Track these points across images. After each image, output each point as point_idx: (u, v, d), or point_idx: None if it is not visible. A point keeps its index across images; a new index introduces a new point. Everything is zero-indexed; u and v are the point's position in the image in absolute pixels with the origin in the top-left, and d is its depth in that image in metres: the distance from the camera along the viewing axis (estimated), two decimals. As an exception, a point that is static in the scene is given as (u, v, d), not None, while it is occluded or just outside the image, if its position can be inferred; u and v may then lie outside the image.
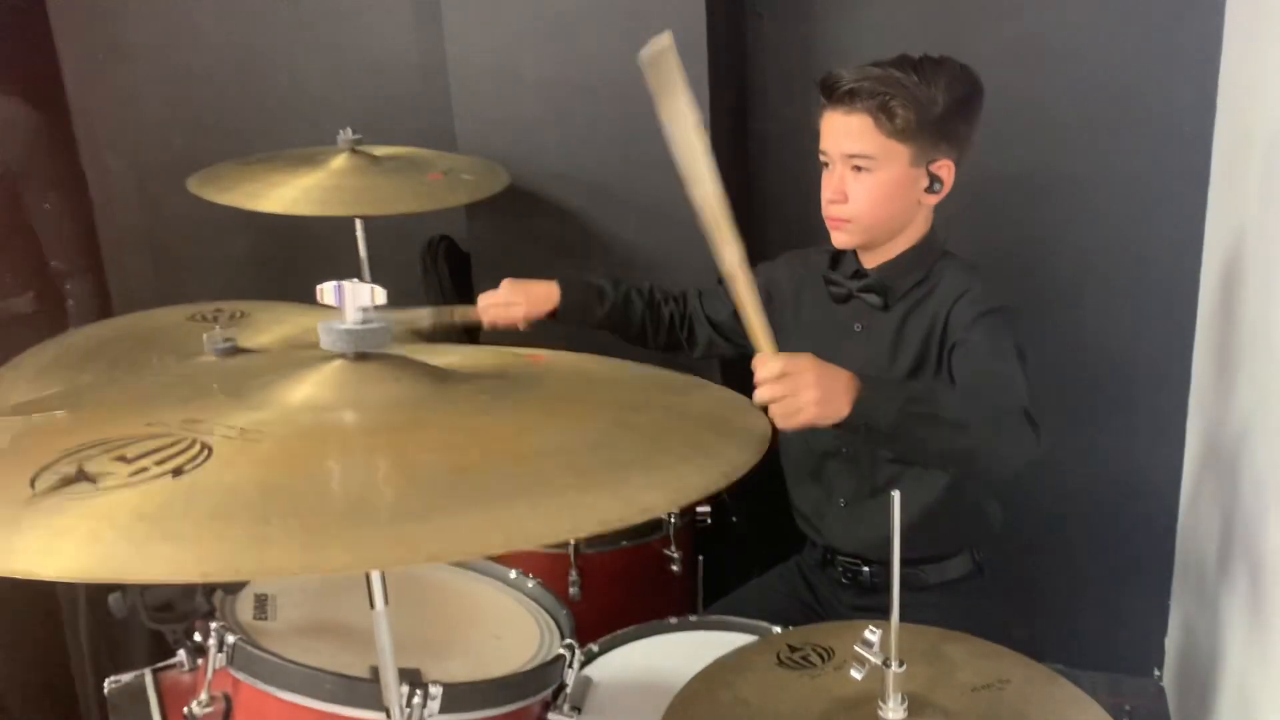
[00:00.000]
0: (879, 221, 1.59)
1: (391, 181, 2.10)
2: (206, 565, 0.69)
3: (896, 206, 1.58)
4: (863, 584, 1.72)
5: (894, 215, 1.59)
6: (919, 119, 1.52)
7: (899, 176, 1.55)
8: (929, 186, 1.57)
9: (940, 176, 1.56)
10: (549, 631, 1.35)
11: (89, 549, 0.70)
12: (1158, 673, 2.25)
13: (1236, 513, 1.68)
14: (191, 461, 0.79)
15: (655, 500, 0.83)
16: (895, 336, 1.61)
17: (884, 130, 1.52)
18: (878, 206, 1.57)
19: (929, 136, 1.53)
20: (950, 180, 1.57)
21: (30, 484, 0.77)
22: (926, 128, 1.52)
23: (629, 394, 1.08)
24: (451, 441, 0.87)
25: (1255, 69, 1.76)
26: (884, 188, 1.56)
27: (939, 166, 1.56)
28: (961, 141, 1.57)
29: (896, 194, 1.56)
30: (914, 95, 1.51)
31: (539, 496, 0.79)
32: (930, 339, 1.57)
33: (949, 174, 1.57)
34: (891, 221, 1.60)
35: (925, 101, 1.51)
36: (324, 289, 0.94)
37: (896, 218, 1.59)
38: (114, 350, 1.64)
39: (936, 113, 1.52)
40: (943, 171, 1.56)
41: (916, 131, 1.52)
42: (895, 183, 1.55)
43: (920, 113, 1.51)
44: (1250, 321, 1.69)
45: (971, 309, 1.53)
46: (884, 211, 1.58)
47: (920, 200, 1.58)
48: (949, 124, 1.54)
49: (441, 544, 0.73)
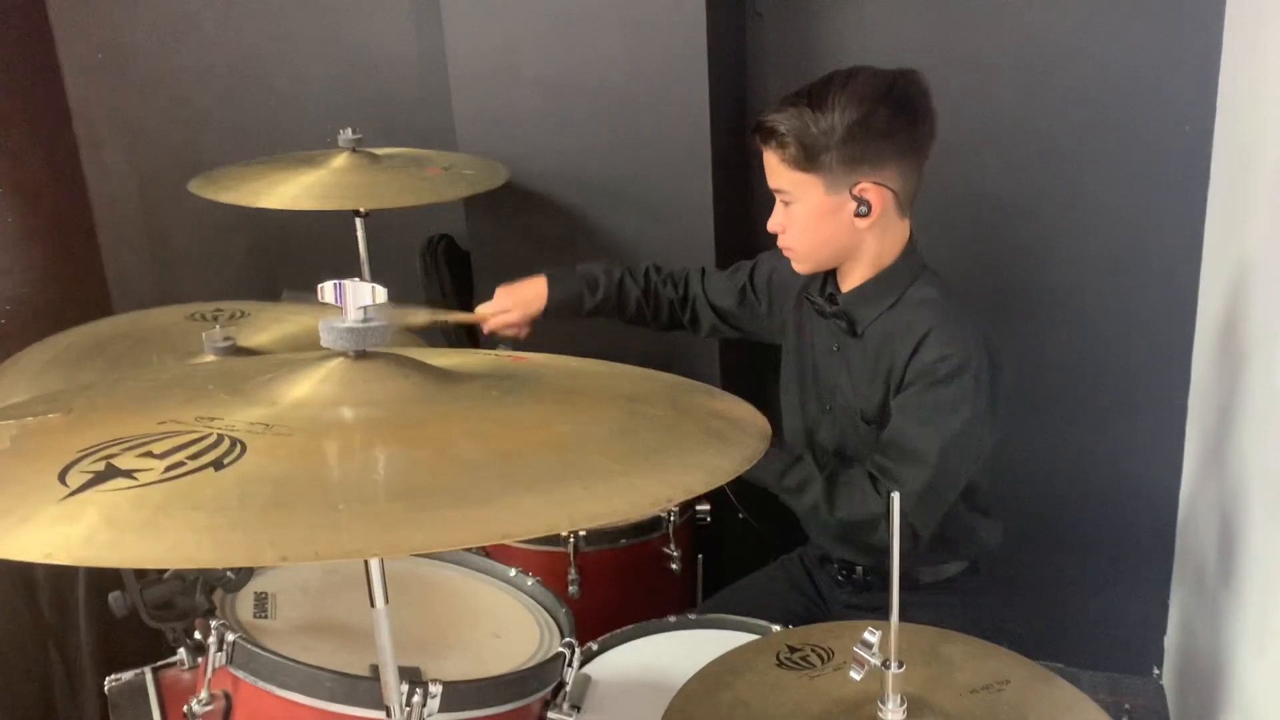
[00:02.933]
0: (814, 249, 1.60)
1: (391, 176, 2.11)
2: (282, 548, 0.71)
3: (827, 234, 1.57)
4: (857, 583, 1.73)
5: (828, 242, 1.58)
6: (814, 148, 1.51)
7: (819, 206, 1.54)
8: (857, 210, 1.54)
9: (867, 199, 1.53)
10: (548, 630, 1.35)
11: (154, 539, 0.71)
12: (1157, 672, 2.25)
13: (1236, 512, 1.69)
14: (227, 455, 0.80)
15: (694, 481, 0.85)
16: (867, 367, 1.61)
17: (788, 164, 1.54)
18: (807, 236, 1.58)
19: (837, 163, 1.51)
20: (881, 201, 1.53)
21: (60, 481, 0.77)
22: (829, 155, 1.51)
23: (629, 390, 1.08)
24: (485, 432, 0.90)
25: (1255, 69, 1.76)
26: (807, 218, 1.57)
27: (862, 190, 1.52)
28: (885, 160, 1.52)
29: (822, 223, 1.56)
30: (803, 126, 1.50)
31: (590, 480, 0.82)
32: (890, 384, 1.58)
33: (877, 195, 1.52)
34: (828, 247, 1.59)
35: (818, 131, 1.50)
36: (324, 288, 0.94)
37: (831, 244, 1.59)
38: (114, 349, 1.64)
39: (836, 139, 1.50)
40: (869, 194, 1.52)
41: (818, 161, 1.51)
42: (817, 212, 1.55)
43: (813, 142, 1.51)
44: (1250, 321, 1.69)
45: (925, 376, 1.52)
46: (815, 240, 1.59)
47: (854, 225, 1.55)
48: (855, 147, 1.50)
49: (510, 525, 0.76)
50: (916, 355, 1.53)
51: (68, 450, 0.82)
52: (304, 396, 0.92)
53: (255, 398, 0.93)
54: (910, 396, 1.54)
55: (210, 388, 0.99)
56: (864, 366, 1.61)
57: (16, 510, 0.74)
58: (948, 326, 1.54)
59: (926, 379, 1.52)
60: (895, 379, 1.56)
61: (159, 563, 0.72)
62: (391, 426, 0.89)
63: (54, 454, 0.81)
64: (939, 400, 1.52)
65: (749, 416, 1.03)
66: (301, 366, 0.95)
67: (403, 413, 0.91)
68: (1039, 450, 2.26)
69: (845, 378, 1.64)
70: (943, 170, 2.11)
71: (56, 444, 0.84)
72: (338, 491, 0.78)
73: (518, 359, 1.16)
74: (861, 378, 1.61)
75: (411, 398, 0.93)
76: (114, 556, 0.71)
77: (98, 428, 0.87)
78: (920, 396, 1.53)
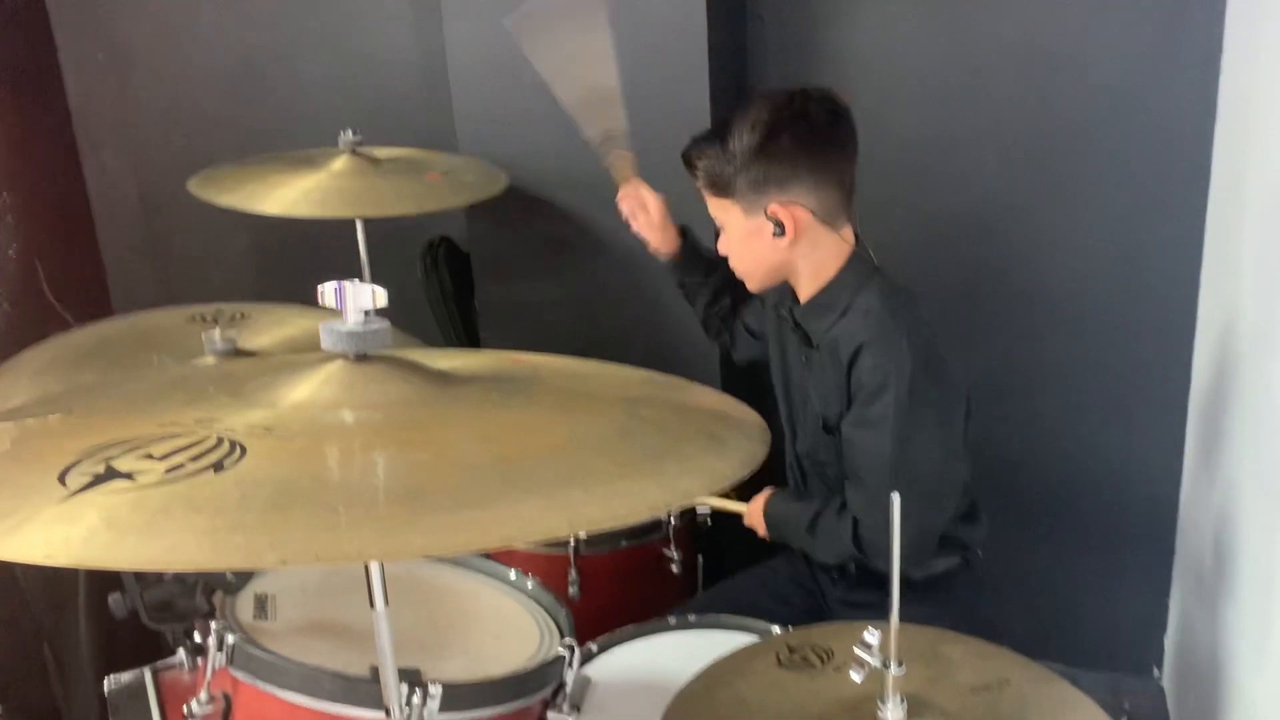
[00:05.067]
0: (751, 270, 1.64)
1: (391, 183, 2.10)
2: (283, 551, 0.71)
3: (756, 255, 1.61)
4: (850, 579, 1.73)
5: (760, 262, 1.62)
6: (718, 179, 1.56)
7: (742, 229, 1.59)
8: (773, 232, 1.56)
9: (779, 220, 1.54)
10: (548, 631, 1.35)
11: (154, 541, 0.71)
12: (1157, 672, 2.26)
13: (1235, 511, 1.69)
14: (227, 457, 0.80)
15: (693, 486, 0.85)
16: (827, 377, 1.62)
17: (707, 191, 1.60)
18: (742, 258, 1.64)
19: (744, 189, 1.55)
20: (794, 220, 1.54)
21: (60, 482, 0.77)
22: (733, 181, 1.55)
23: (629, 391, 1.08)
24: (485, 435, 0.90)
25: (1255, 69, 1.76)
26: (736, 242, 1.62)
27: (773, 212, 1.54)
28: (792, 181, 1.54)
29: (749, 245, 1.60)
30: (711, 158, 1.56)
31: (590, 484, 0.82)
32: (843, 393, 1.59)
33: (788, 214, 1.54)
34: (761, 266, 1.62)
35: (724, 160, 1.55)
36: (324, 290, 0.94)
37: (763, 264, 1.62)
38: (114, 350, 1.64)
39: (737, 167, 1.54)
40: (780, 215, 1.54)
41: (725, 187, 1.56)
42: (742, 235, 1.60)
43: (716, 174, 1.56)
44: (1250, 321, 1.69)
45: (859, 392, 1.55)
46: (749, 261, 1.63)
47: (776, 245, 1.57)
48: (757, 170, 1.53)
49: (509, 528, 0.76)
50: (853, 369, 1.56)
51: (68, 452, 0.82)
52: (304, 399, 0.92)
53: (255, 400, 0.93)
54: (850, 421, 1.57)
55: (210, 390, 0.99)
56: (824, 377, 1.63)
57: (17, 511, 0.74)
58: (879, 340, 1.54)
59: (860, 396, 1.55)
60: (845, 392, 1.58)
61: (159, 565, 0.72)
62: (391, 429, 0.89)
63: (54, 455, 0.81)
64: (869, 417, 1.54)
65: (748, 420, 1.03)
66: (302, 369, 0.95)
67: (403, 416, 0.91)
68: (1039, 450, 2.27)
69: (813, 387, 1.67)
70: (943, 170, 2.12)
71: (56, 445, 0.84)
72: (338, 494, 0.78)
73: (518, 360, 1.16)
74: (824, 387, 1.63)
75: (411, 401, 0.93)
76: (114, 558, 0.71)
77: (98, 429, 0.87)
78: (859, 417, 1.56)
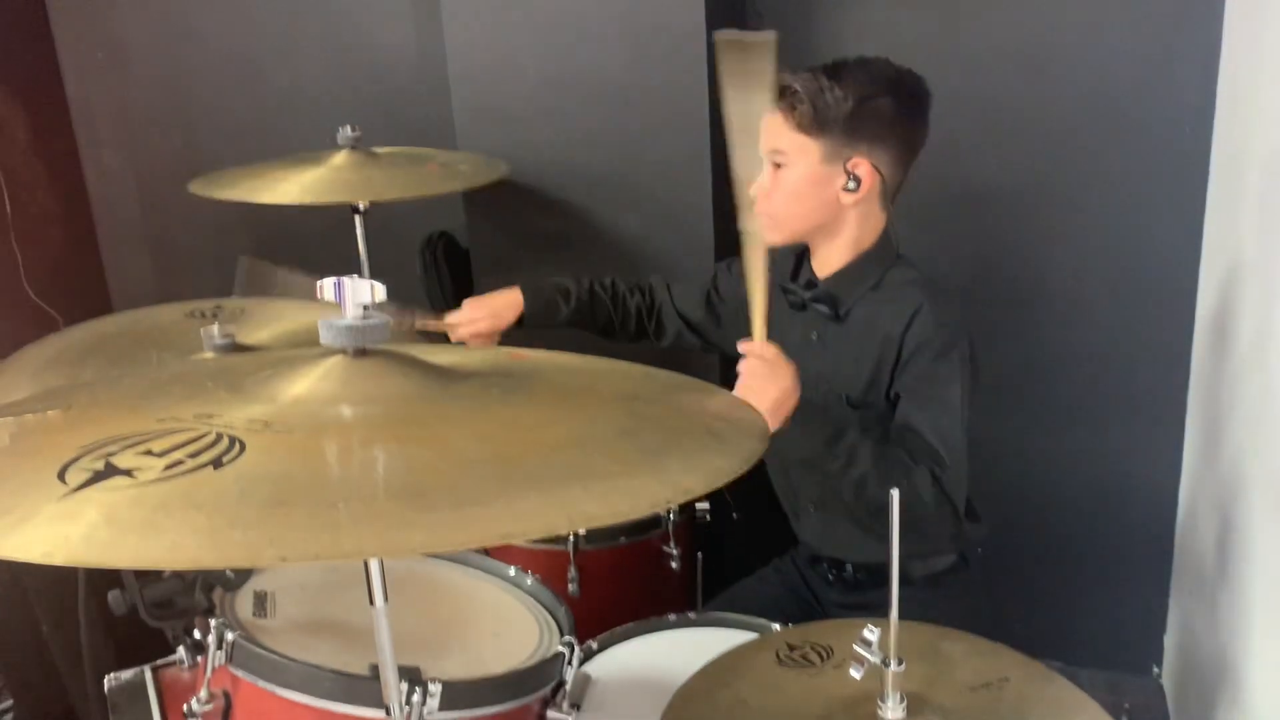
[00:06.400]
0: (793, 218, 1.62)
1: (388, 173, 2.12)
2: (282, 548, 0.71)
3: (811, 203, 1.60)
4: (847, 581, 1.74)
5: (810, 212, 1.61)
6: (822, 114, 1.55)
7: (810, 172, 1.58)
8: (846, 184, 1.57)
9: (858, 175, 1.57)
10: (548, 629, 1.35)
11: (153, 539, 0.71)
12: (1157, 671, 2.26)
13: (1235, 511, 1.69)
14: (226, 453, 0.80)
15: (693, 482, 0.85)
16: (851, 350, 1.61)
17: (791, 124, 1.57)
18: (791, 203, 1.61)
19: (839, 133, 1.56)
20: (870, 181, 1.57)
21: (60, 479, 0.77)
22: (833, 124, 1.55)
23: (628, 388, 1.08)
24: (485, 431, 0.90)
25: (1255, 69, 1.76)
26: (797, 183, 1.59)
27: (855, 164, 1.57)
28: (881, 143, 1.57)
29: (810, 190, 1.59)
30: (818, 91, 1.54)
31: (589, 480, 0.82)
32: (883, 363, 1.58)
33: (868, 173, 1.57)
34: (808, 219, 1.62)
35: (830, 98, 1.54)
36: (323, 285, 0.94)
37: (812, 216, 1.61)
38: (113, 347, 1.63)
39: (844, 110, 1.54)
40: (860, 170, 1.57)
41: (822, 127, 1.55)
42: (808, 178, 1.58)
43: (822, 108, 1.55)
44: (1250, 321, 1.69)
45: (925, 349, 1.54)
46: (798, 208, 1.61)
47: (839, 198, 1.58)
48: (859, 123, 1.55)
49: (509, 525, 0.76)
50: (910, 330, 1.55)
51: (67, 448, 0.81)
52: (303, 394, 0.92)
53: (254, 395, 0.93)
54: (912, 379, 1.55)
55: (209, 385, 0.98)
56: (848, 350, 1.62)
57: (16, 509, 0.74)
58: (938, 302, 1.57)
59: (927, 353, 1.54)
60: (890, 357, 1.57)
61: (158, 563, 0.71)
62: (391, 425, 0.88)
63: (53, 451, 0.81)
64: (939, 374, 1.54)
65: (748, 416, 1.03)
66: (301, 364, 0.95)
67: (402, 411, 0.90)
68: (1039, 449, 2.27)
69: (827, 365, 1.63)
70: (942, 168, 2.11)
71: (56, 441, 0.84)
72: (337, 490, 0.78)
73: (517, 355, 1.16)
74: (846, 361, 1.62)
75: (411, 396, 0.93)
76: (113, 557, 0.70)
77: (97, 425, 0.87)
78: (924, 373, 1.54)
